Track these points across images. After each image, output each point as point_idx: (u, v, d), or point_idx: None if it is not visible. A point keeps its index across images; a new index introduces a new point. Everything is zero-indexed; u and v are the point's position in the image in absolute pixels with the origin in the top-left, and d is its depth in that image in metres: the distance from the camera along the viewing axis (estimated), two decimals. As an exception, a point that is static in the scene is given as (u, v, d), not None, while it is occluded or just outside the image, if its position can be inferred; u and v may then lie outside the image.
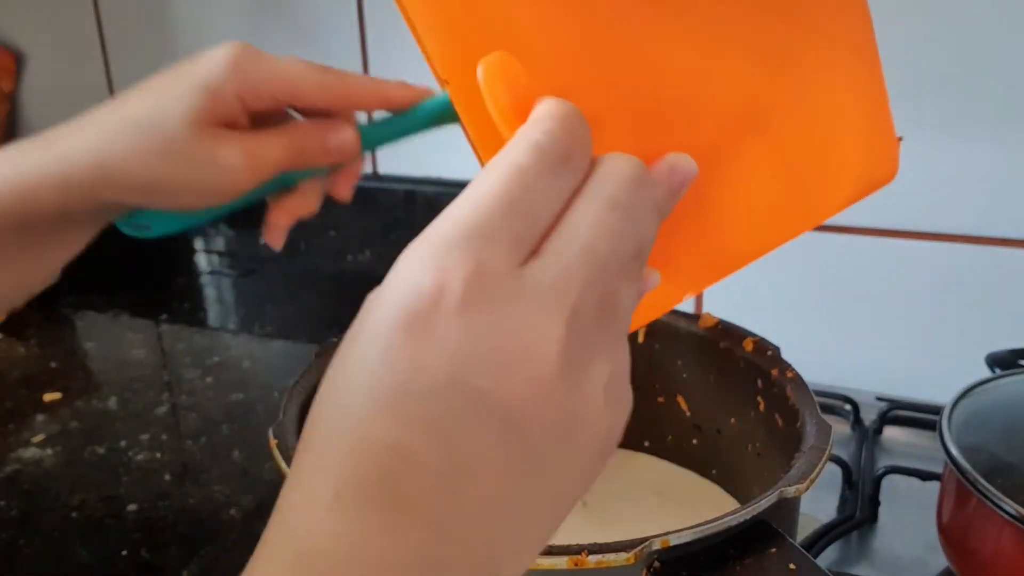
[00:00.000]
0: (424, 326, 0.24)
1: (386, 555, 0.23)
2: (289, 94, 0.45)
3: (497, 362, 0.24)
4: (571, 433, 0.25)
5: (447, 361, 0.24)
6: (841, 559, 0.62)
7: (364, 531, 0.24)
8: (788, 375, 0.53)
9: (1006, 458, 0.54)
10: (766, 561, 0.38)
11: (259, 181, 0.45)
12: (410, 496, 0.24)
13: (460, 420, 0.24)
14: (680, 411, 0.62)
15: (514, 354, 0.24)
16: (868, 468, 0.70)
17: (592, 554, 0.37)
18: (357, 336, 0.25)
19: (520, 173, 0.26)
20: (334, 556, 0.24)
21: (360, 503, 0.24)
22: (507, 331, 0.24)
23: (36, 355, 0.92)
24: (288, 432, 0.47)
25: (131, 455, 0.71)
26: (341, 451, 0.24)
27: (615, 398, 0.26)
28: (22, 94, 1.14)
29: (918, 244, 0.81)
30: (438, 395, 0.24)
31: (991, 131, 0.76)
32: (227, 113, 0.43)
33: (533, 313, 0.24)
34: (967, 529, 0.53)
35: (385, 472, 0.24)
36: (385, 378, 0.24)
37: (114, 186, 0.44)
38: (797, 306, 0.86)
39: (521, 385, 0.24)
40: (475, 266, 0.24)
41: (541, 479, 0.25)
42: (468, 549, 0.24)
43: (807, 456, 0.45)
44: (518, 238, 0.25)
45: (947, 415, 0.56)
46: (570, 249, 0.26)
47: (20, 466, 0.70)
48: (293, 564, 0.24)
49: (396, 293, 0.25)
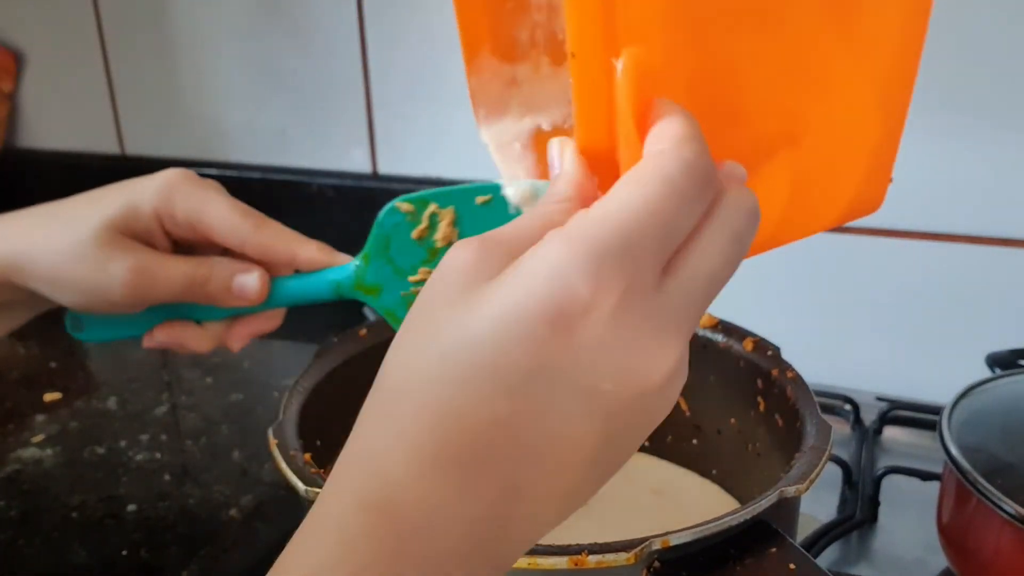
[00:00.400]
0: (569, 327, 0.26)
1: (462, 513, 0.27)
2: (204, 231, 0.47)
3: (623, 370, 0.27)
4: (646, 429, 0.29)
5: (579, 362, 0.26)
6: (841, 559, 0.62)
7: (449, 492, 0.27)
8: (788, 375, 0.53)
9: (1006, 458, 0.54)
10: (766, 561, 0.38)
11: (147, 299, 0.47)
12: (498, 463, 0.27)
13: (571, 412, 0.27)
14: (680, 411, 0.61)
15: (639, 369, 0.27)
16: (868, 468, 0.70)
17: (592, 554, 0.37)
18: (475, 310, 0.27)
19: (675, 193, 0.27)
20: (417, 514, 0.27)
21: (451, 467, 0.27)
22: (639, 347, 0.27)
23: (36, 355, 0.92)
24: (288, 432, 0.47)
25: (131, 455, 0.71)
26: (442, 415, 0.27)
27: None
28: (22, 94, 1.14)
29: (918, 244, 0.81)
30: (563, 389, 0.27)
31: (991, 131, 0.76)
32: (144, 230, 0.47)
33: (663, 333, 0.27)
34: (967, 529, 0.53)
35: (483, 442, 0.27)
36: (519, 360, 0.26)
37: (22, 273, 0.47)
38: (797, 306, 0.86)
39: (632, 396, 0.27)
40: (627, 285, 0.26)
41: (608, 462, 0.29)
42: (527, 511, 0.28)
43: (807, 456, 0.45)
44: (663, 256, 0.27)
45: (947, 415, 0.56)
46: (700, 277, 0.28)
47: (20, 466, 0.70)
48: (378, 511, 0.27)
49: (548, 288, 0.26)
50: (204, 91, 1.03)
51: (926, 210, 0.80)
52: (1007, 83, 0.74)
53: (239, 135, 1.03)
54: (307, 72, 0.97)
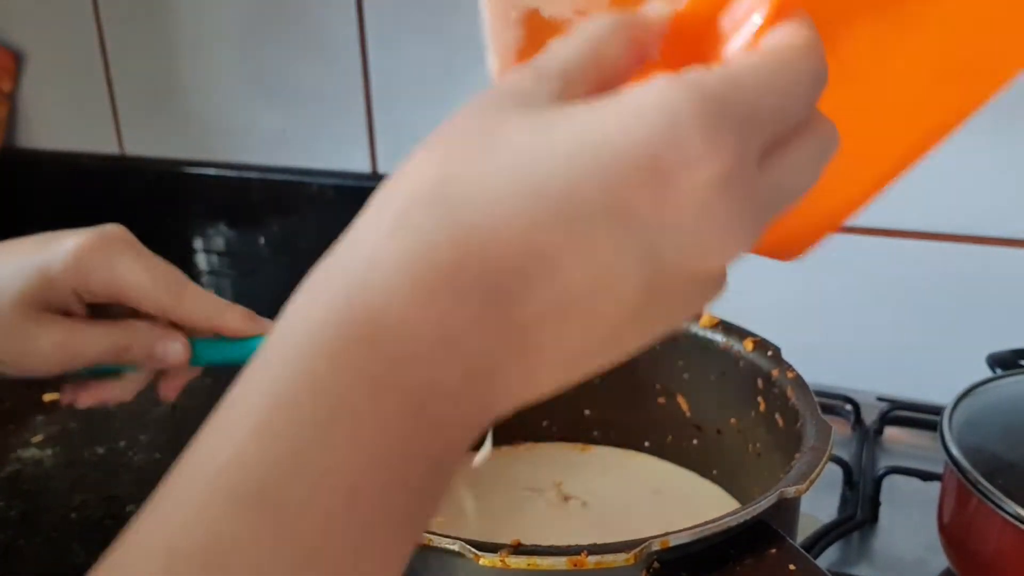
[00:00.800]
0: (665, 180, 0.24)
1: (469, 348, 0.24)
2: (123, 299, 0.47)
3: (695, 244, 0.25)
4: (671, 318, 0.27)
5: (658, 221, 0.24)
6: (842, 559, 0.62)
7: (460, 322, 0.24)
8: (789, 375, 0.53)
9: (1007, 458, 0.54)
10: (766, 562, 0.38)
11: (73, 366, 0.47)
12: (525, 301, 0.24)
13: (623, 271, 0.24)
14: (680, 411, 0.62)
15: (710, 249, 0.25)
16: (869, 468, 0.70)
17: (592, 555, 0.37)
18: (553, 130, 0.24)
19: (800, 84, 0.26)
20: (415, 342, 0.23)
21: (471, 293, 0.24)
22: (721, 226, 0.25)
23: (36, 355, 0.92)
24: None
25: (131, 455, 0.71)
26: (475, 231, 0.24)
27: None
28: (22, 94, 1.14)
29: (918, 244, 0.81)
30: (626, 244, 0.24)
31: (991, 131, 0.76)
32: (60, 300, 0.46)
33: (746, 217, 0.25)
34: (968, 529, 0.53)
35: (518, 274, 0.24)
36: (593, 196, 0.24)
37: None
38: (797, 306, 0.86)
39: (688, 274, 0.26)
40: (739, 157, 0.24)
41: (626, 338, 0.27)
42: (534, 362, 0.25)
43: (807, 456, 0.45)
44: (771, 138, 0.26)
45: (948, 415, 0.56)
46: (787, 181, 0.27)
47: (20, 466, 0.70)
48: (367, 328, 0.24)
49: (656, 131, 0.24)
50: (204, 91, 1.03)
51: (927, 210, 0.80)
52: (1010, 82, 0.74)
53: (239, 135, 1.03)
54: (307, 72, 0.97)
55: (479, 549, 0.37)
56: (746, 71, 0.25)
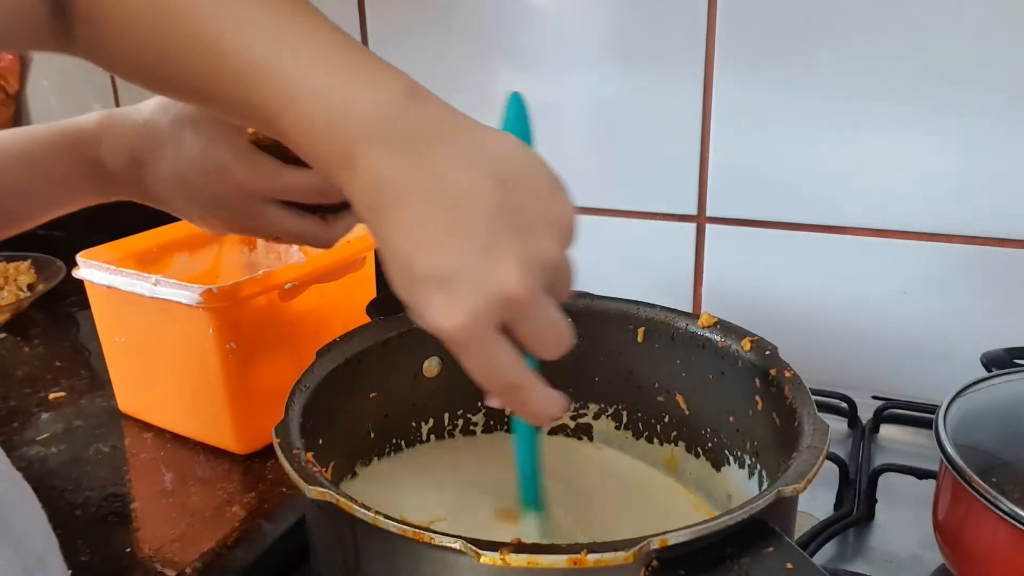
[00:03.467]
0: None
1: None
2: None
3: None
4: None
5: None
6: (838, 556, 0.62)
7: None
8: (786, 374, 0.53)
9: (1001, 456, 0.54)
10: (763, 560, 0.38)
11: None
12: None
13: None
14: (679, 409, 0.62)
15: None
16: (865, 466, 0.71)
17: (591, 553, 0.37)
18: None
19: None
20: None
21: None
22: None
23: (41, 354, 0.92)
24: (290, 431, 0.48)
25: (134, 453, 0.72)
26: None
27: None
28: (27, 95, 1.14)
29: (915, 244, 0.81)
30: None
31: (990, 131, 0.76)
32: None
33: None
34: (963, 527, 0.53)
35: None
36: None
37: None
38: (795, 305, 0.87)
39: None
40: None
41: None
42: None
43: (804, 455, 0.45)
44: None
45: (943, 414, 0.56)
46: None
47: (25, 464, 0.70)
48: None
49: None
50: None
51: (924, 210, 0.80)
52: (1007, 83, 0.74)
53: (240, 134, 1.03)
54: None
55: (480, 547, 0.38)
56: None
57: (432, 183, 0.36)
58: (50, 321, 1.01)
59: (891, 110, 0.79)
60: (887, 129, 0.79)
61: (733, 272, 0.87)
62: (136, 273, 0.69)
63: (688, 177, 0.88)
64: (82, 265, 0.72)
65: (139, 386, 0.76)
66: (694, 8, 0.83)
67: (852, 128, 0.80)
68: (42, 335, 0.97)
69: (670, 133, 0.87)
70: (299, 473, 0.44)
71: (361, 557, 0.43)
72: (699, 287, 0.90)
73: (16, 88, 1.11)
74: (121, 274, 0.70)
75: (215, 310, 0.65)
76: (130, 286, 0.68)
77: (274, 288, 0.68)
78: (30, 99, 1.14)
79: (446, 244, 0.35)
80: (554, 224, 0.37)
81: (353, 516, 0.41)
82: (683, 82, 0.85)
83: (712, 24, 0.83)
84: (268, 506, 0.64)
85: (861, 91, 0.79)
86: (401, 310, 0.63)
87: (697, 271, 0.89)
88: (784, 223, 0.85)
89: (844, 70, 0.79)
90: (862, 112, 0.80)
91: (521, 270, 0.35)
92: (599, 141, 0.92)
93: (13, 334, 0.97)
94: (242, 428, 0.69)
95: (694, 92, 0.85)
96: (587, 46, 0.89)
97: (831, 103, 0.80)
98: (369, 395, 0.56)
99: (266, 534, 0.62)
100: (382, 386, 0.60)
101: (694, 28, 0.83)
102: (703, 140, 0.86)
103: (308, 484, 0.43)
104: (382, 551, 0.41)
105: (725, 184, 0.87)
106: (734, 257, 0.87)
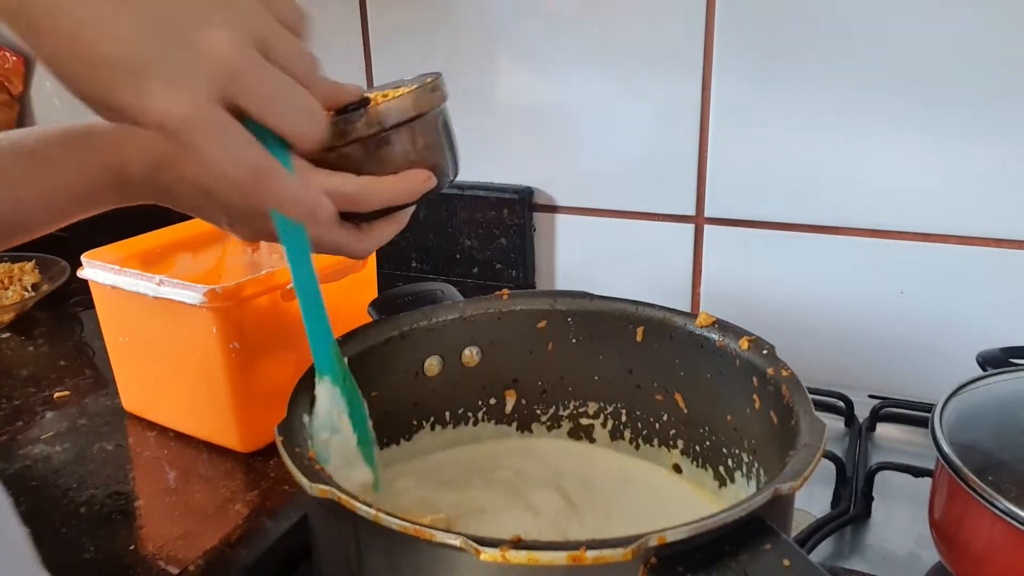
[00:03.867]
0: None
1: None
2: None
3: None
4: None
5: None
6: (835, 553, 0.63)
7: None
8: (783, 373, 0.53)
9: (997, 455, 0.54)
10: (761, 557, 0.38)
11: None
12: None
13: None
14: (678, 408, 0.62)
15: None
16: (861, 464, 0.71)
17: (590, 550, 0.37)
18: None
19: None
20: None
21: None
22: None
23: (45, 354, 0.93)
24: (293, 429, 0.48)
25: (138, 451, 0.72)
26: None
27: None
28: (31, 96, 1.14)
29: (911, 244, 0.82)
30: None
31: (988, 131, 0.76)
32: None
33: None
34: (959, 525, 0.54)
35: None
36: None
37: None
38: (792, 305, 0.87)
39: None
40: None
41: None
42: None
43: (801, 453, 0.45)
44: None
45: (939, 412, 0.57)
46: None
47: (29, 462, 0.71)
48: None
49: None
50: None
51: (920, 211, 0.81)
52: (1006, 83, 0.75)
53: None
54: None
55: (480, 544, 0.38)
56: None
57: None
58: (54, 321, 1.02)
59: (888, 111, 0.79)
60: (884, 130, 0.80)
61: (731, 272, 0.87)
62: (140, 273, 0.69)
63: (686, 178, 0.88)
64: (86, 265, 0.73)
65: (143, 385, 0.76)
66: (693, 9, 0.83)
67: (849, 129, 0.81)
68: (46, 335, 0.98)
69: (669, 133, 0.88)
70: (301, 471, 0.44)
71: (363, 554, 0.43)
72: (697, 287, 0.90)
73: (20, 90, 1.12)
74: (125, 274, 0.70)
75: (218, 310, 0.65)
76: (134, 286, 0.69)
77: (277, 288, 0.68)
78: (34, 100, 1.15)
79: (133, 27, 0.34)
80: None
81: (355, 513, 0.41)
82: (682, 83, 0.86)
83: (711, 25, 0.83)
84: (271, 504, 0.64)
85: (859, 93, 0.79)
86: (402, 310, 0.64)
87: (695, 271, 0.89)
88: (782, 223, 0.85)
89: (841, 72, 0.79)
90: (859, 113, 0.80)
91: (224, 34, 0.34)
92: (598, 141, 0.92)
93: (18, 334, 0.98)
94: (245, 426, 0.69)
95: (693, 93, 0.86)
96: (587, 45, 0.89)
97: (829, 104, 0.81)
98: (370, 394, 0.56)
99: (269, 532, 0.62)
100: (383, 385, 0.60)
101: (693, 29, 0.84)
102: (701, 141, 0.87)
103: (310, 482, 0.43)
104: (383, 548, 0.42)
105: (723, 185, 0.87)
106: (732, 257, 0.87)
